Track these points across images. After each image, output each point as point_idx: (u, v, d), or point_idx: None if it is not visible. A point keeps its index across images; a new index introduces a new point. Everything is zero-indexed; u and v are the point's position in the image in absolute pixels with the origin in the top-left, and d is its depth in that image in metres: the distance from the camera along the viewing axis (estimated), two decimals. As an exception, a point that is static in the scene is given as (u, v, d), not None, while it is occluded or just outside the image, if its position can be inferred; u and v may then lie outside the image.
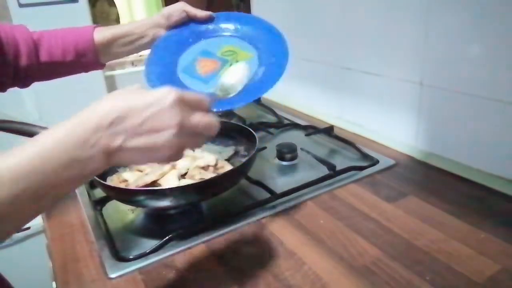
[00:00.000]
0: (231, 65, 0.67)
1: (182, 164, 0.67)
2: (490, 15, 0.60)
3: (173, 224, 0.62)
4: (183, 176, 0.66)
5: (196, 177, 0.64)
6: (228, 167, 0.69)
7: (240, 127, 0.76)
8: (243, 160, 0.67)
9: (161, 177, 0.63)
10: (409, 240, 0.54)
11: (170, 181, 0.63)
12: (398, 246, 0.53)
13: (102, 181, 0.57)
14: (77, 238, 0.60)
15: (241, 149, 0.76)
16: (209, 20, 0.73)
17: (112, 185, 0.59)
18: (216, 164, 0.68)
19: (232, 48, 0.69)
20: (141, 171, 0.68)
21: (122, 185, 0.64)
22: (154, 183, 0.63)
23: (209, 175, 0.65)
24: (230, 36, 0.71)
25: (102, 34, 0.69)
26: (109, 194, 0.62)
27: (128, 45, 0.70)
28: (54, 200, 0.35)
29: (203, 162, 0.68)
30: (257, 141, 0.68)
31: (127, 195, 0.59)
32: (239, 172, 0.62)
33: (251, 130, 0.73)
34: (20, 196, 0.31)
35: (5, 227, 0.32)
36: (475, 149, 0.68)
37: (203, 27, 0.73)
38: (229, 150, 0.75)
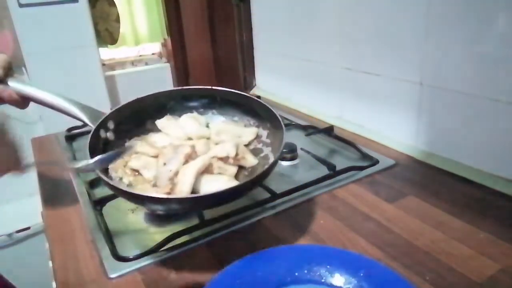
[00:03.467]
0: None
1: (198, 149, 0.59)
2: (490, 15, 0.60)
3: (173, 224, 0.62)
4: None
5: (215, 171, 0.58)
6: (249, 157, 0.60)
7: (265, 107, 0.63)
8: (264, 149, 0.61)
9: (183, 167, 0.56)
10: (409, 240, 0.54)
11: (186, 176, 0.55)
12: (398, 246, 0.53)
13: (106, 180, 0.51)
14: (77, 238, 0.60)
15: (264, 134, 0.64)
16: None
17: (119, 187, 0.53)
18: (236, 154, 0.60)
19: None
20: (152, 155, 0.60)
21: (130, 174, 0.58)
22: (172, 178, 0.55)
23: (229, 169, 0.58)
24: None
25: None
26: (114, 192, 0.56)
27: None
28: None
29: (221, 152, 0.59)
30: (284, 131, 0.57)
31: (134, 199, 0.54)
32: (255, 184, 0.55)
33: (278, 115, 0.61)
34: None
35: None
36: (475, 149, 0.68)
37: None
38: (250, 132, 0.64)
